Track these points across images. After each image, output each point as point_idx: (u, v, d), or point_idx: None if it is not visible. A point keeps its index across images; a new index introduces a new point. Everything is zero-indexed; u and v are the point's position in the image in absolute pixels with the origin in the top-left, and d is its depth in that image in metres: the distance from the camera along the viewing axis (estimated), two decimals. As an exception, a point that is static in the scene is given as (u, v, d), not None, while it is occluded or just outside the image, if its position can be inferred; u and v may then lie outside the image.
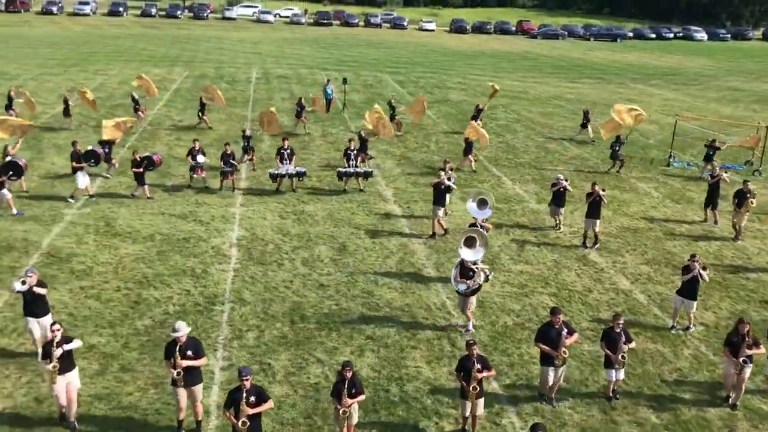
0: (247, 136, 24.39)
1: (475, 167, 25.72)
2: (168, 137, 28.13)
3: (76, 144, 21.03)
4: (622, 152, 26.55)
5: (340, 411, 10.15)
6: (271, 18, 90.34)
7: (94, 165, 21.89)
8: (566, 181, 19.96)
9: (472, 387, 10.66)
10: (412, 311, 14.95)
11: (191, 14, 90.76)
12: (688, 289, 14.44)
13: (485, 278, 14.63)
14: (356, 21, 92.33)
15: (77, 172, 20.53)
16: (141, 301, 14.74)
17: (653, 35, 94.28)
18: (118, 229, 18.55)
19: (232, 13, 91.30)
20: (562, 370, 11.83)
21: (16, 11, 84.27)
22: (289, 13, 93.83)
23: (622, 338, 11.87)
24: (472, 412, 10.92)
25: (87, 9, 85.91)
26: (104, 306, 14.47)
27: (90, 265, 16.34)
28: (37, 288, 12.02)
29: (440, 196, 19.04)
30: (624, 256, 18.68)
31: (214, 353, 12.86)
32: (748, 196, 19.52)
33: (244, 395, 9.52)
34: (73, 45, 59.51)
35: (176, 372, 10.41)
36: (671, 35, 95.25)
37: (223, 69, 49.09)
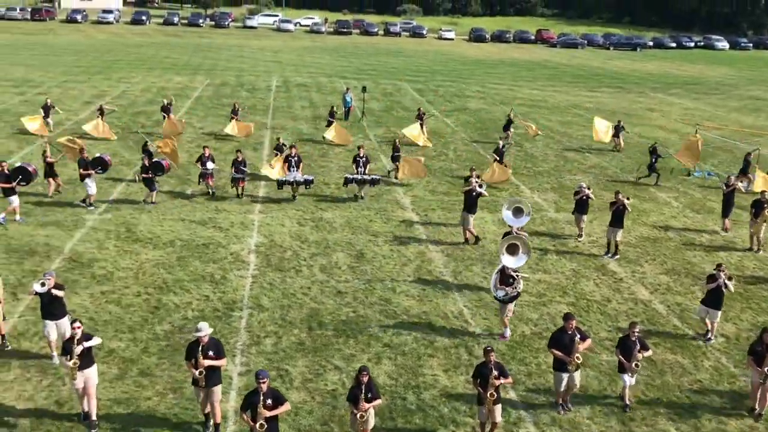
0: (281, 145, 24.69)
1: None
2: (189, 144, 28.38)
3: (83, 151, 21.07)
4: (659, 164, 26.33)
5: (357, 415, 10.19)
6: (291, 27, 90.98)
7: (101, 172, 21.93)
8: (589, 189, 19.87)
9: (489, 394, 10.66)
10: (430, 319, 14.95)
11: (213, 23, 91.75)
12: (712, 299, 14.37)
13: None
14: (376, 30, 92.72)
15: (85, 179, 20.54)
16: (161, 307, 14.87)
17: (674, 44, 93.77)
18: (138, 235, 18.75)
19: (253, 22, 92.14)
20: (576, 375, 11.86)
21: (41, 20, 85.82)
22: (309, 22, 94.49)
23: (637, 346, 11.93)
24: (489, 419, 10.91)
25: (110, 17, 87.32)
26: (124, 311, 14.63)
27: (111, 270, 16.52)
28: (55, 290, 12.22)
29: (472, 203, 19.06)
30: (643, 265, 18.55)
31: (233, 359, 12.94)
32: (766, 206, 19.31)
33: (261, 398, 9.59)
34: (96, 53, 60.36)
35: (198, 372, 10.52)
36: (692, 44, 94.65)
37: (244, 77, 49.51)
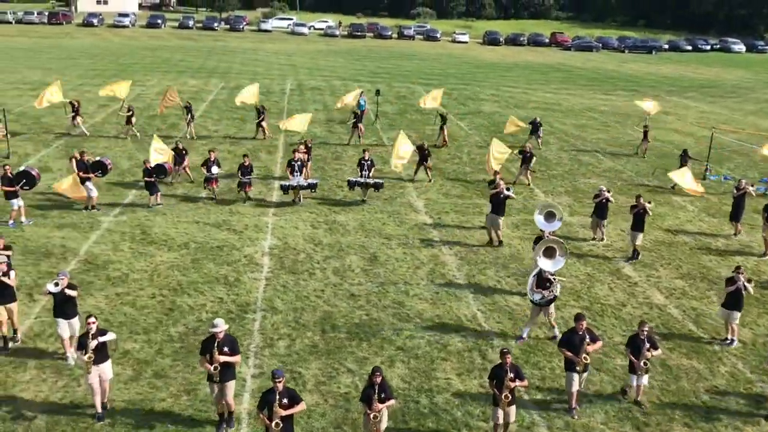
0: (309, 147, 24.91)
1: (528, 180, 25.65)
2: (203, 147, 28.48)
3: (84, 154, 20.97)
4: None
5: (371, 416, 10.21)
6: (305, 30, 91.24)
7: (101, 176, 21.96)
8: (609, 192, 19.75)
9: (504, 395, 10.66)
10: (443, 322, 14.92)
11: (227, 26, 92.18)
12: (732, 301, 14.33)
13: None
14: (389, 33, 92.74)
15: (85, 183, 20.38)
16: (175, 308, 14.95)
17: (689, 47, 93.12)
18: (153, 237, 18.85)
19: (267, 26, 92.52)
20: (584, 376, 11.97)
21: (58, 23, 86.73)
22: (323, 26, 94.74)
23: (646, 345, 11.98)
24: (504, 420, 10.94)
25: (126, 21, 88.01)
26: (139, 312, 14.72)
27: (126, 272, 16.63)
28: (68, 290, 12.43)
29: (499, 205, 19.03)
30: (658, 270, 18.42)
31: (246, 361, 12.97)
32: None
33: (278, 397, 9.66)
34: (112, 56, 60.83)
35: (213, 367, 10.64)
36: (708, 47, 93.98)
37: (258, 80, 49.61)
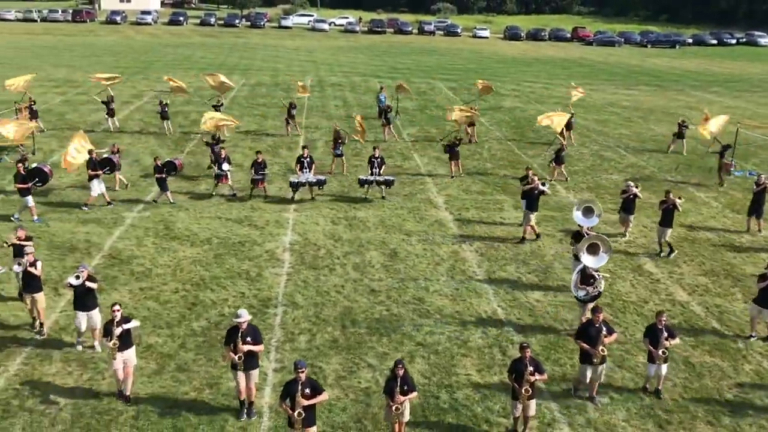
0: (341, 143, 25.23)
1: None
2: (224, 144, 28.67)
3: (92, 152, 20.98)
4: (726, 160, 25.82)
5: (393, 408, 10.26)
6: (326, 26, 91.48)
7: (109, 173, 22.03)
8: (637, 187, 19.60)
9: (524, 389, 10.65)
10: (463, 318, 14.92)
11: (249, 23, 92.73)
12: (764, 297, 14.12)
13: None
14: (410, 29, 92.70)
15: (93, 180, 20.49)
16: (198, 303, 15.10)
17: (714, 41, 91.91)
18: (176, 233, 19.04)
19: (288, 22, 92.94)
20: (602, 368, 11.92)
21: (82, 21, 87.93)
22: (343, 22, 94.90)
23: (664, 334, 11.96)
24: (523, 413, 10.95)
25: (149, 18, 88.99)
26: (162, 307, 14.88)
27: (149, 267, 16.82)
28: (88, 282, 12.72)
29: (533, 201, 19.05)
30: (681, 266, 18.25)
31: (267, 355, 13.08)
32: None
33: (300, 387, 9.76)
34: (135, 53, 61.44)
35: (237, 356, 10.85)
36: (733, 41, 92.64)
37: (279, 77, 49.92)
